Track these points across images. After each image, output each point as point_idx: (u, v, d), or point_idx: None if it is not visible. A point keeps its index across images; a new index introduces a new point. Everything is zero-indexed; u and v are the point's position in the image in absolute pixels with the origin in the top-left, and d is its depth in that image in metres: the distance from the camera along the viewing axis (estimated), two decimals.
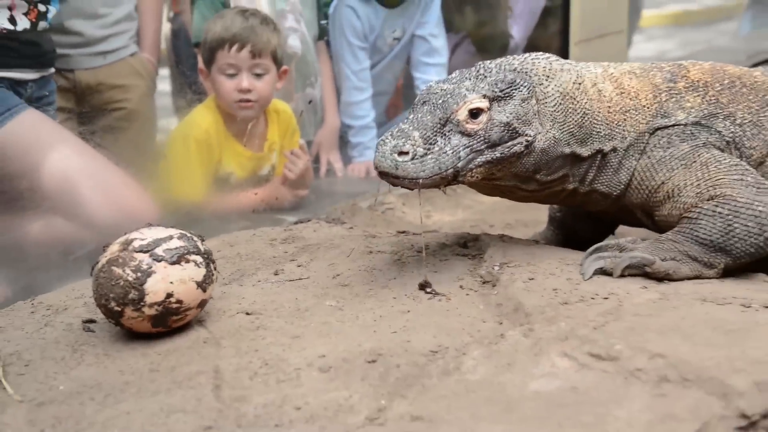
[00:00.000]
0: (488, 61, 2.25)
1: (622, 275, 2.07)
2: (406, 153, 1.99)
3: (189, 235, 1.98)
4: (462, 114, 2.06)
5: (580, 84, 2.22)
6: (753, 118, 2.32)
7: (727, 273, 2.11)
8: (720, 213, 2.06)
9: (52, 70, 3.16)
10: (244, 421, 1.57)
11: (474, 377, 1.68)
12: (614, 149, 2.24)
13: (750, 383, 1.54)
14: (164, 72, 4.41)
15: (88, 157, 3.06)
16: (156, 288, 1.87)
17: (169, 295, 1.88)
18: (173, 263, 1.89)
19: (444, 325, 1.91)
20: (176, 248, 1.91)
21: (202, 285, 1.93)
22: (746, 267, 2.15)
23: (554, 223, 2.80)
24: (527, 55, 2.26)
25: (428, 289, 2.10)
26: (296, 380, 1.71)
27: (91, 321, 2.04)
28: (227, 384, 1.71)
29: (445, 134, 2.05)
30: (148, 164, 3.52)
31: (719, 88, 2.34)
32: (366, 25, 4.09)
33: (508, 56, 2.25)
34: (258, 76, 3.31)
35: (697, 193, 2.12)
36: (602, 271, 2.10)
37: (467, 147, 2.06)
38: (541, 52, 2.28)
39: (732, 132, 2.29)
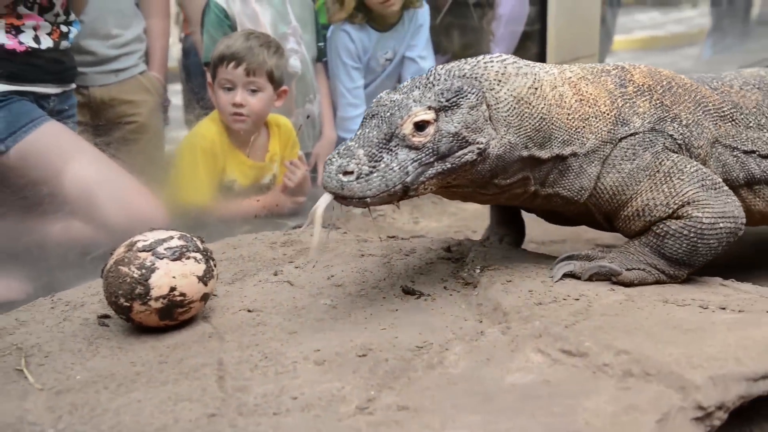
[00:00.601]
0: (440, 66, 2.06)
1: (589, 279, 2.08)
2: (351, 172, 1.83)
3: (188, 235, 1.99)
4: (407, 128, 1.89)
5: (537, 88, 2.05)
6: (694, 117, 2.26)
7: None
8: (686, 236, 2.04)
9: (73, 85, 3.16)
10: (245, 410, 1.58)
11: (456, 371, 1.68)
12: (574, 154, 2.10)
13: (706, 378, 1.55)
14: (177, 87, 4.42)
15: (104, 166, 3.08)
16: (160, 283, 1.88)
17: (173, 289, 1.89)
18: (174, 260, 1.91)
19: (429, 322, 1.92)
20: (176, 247, 1.93)
21: (203, 279, 1.94)
22: (704, 271, 2.16)
23: (501, 227, 2.63)
24: (481, 58, 2.07)
25: (408, 292, 2.09)
26: (293, 372, 1.71)
27: (106, 316, 2.04)
28: (230, 375, 1.71)
29: (391, 150, 1.88)
30: (157, 172, 3.54)
31: (661, 91, 2.25)
32: (359, 47, 4.10)
33: (462, 60, 2.07)
34: (252, 92, 3.32)
35: (665, 207, 2.06)
36: (571, 275, 2.09)
37: (415, 161, 1.88)
38: (498, 54, 2.11)
39: (681, 134, 2.21)
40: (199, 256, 1.95)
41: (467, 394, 1.59)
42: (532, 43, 5.11)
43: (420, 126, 1.90)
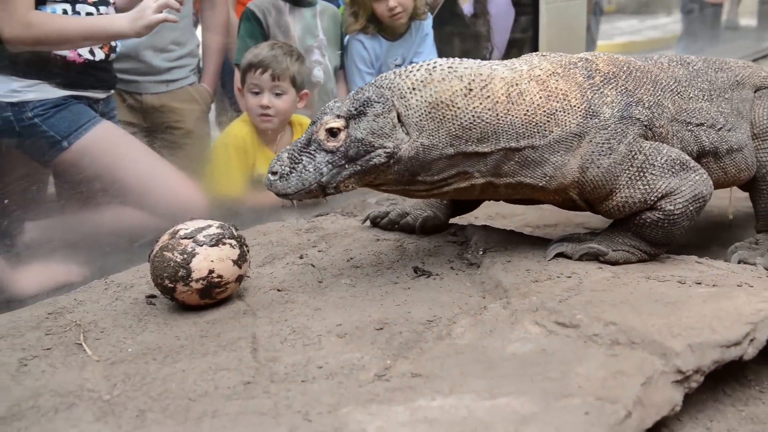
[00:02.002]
0: (375, 78, 2.03)
1: (580, 259, 2.06)
2: (276, 173, 1.90)
3: (224, 224, 2.00)
4: (321, 134, 1.90)
5: (471, 90, 1.94)
6: (654, 98, 2.15)
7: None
8: (662, 225, 2.02)
9: (113, 91, 3.18)
10: (277, 378, 1.58)
11: (462, 342, 1.68)
12: (531, 146, 1.98)
13: (685, 345, 1.54)
14: None
15: (153, 160, 3.11)
16: (200, 266, 1.88)
17: (211, 272, 1.89)
18: (212, 246, 1.91)
19: (437, 299, 1.91)
20: (214, 234, 1.93)
21: (238, 262, 1.94)
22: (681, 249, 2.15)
23: None
24: (414, 65, 1.99)
25: (420, 273, 2.09)
26: (318, 344, 1.71)
27: (153, 296, 2.04)
28: (262, 347, 1.72)
29: (311, 153, 1.91)
30: (200, 171, 3.56)
31: (624, 77, 2.14)
32: (372, 55, 4.07)
33: (393, 70, 2.01)
34: (277, 95, 3.32)
35: (642, 201, 2.01)
36: (563, 255, 2.07)
37: (329, 163, 1.90)
38: (444, 60, 2.00)
39: (646, 116, 2.09)
40: (233, 242, 1.95)
41: (473, 362, 1.58)
42: (527, 49, 5.09)
43: (333, 132, 1.91)
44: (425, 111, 1.92)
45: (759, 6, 9.22)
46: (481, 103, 1.94)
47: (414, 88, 1.93)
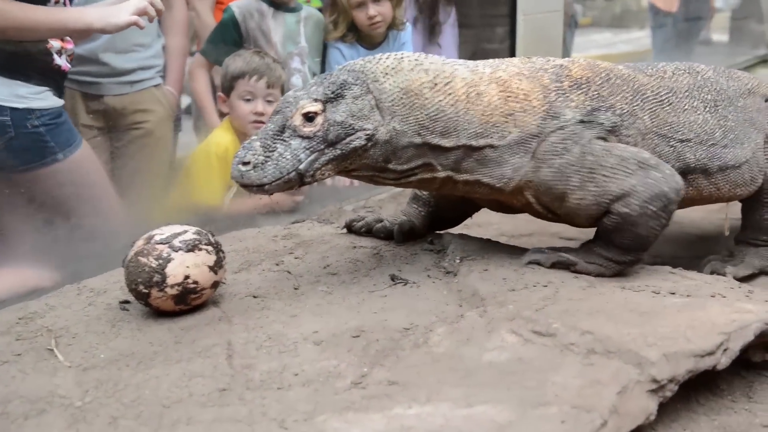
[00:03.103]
0: (343, 65, 2.03)
1: (552, 267, 2.05)
2: (248, 163, 1.84)
3: (201, 230, 1.97)
4: (297, 119, 1.86)
5: (437, 84, 1.96)
6: (629, 108, 2.10)
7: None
8: (623, 229, 1.97)
9: None
10: (252, 385, 1.57)
11: (439, 350, 1.68)
12: (490, 146, 1.99)
13: (659, 355, 1.55)
14: (186, 99, 4.40)
15: (107, 185, 3.12)
16: (175, 272, 1.86)
17: (187, 277, 1.87)
18: (188, 251, 1.89)
19: (414, 307, 1.90)
20: (190, 239, 1.91)
21: (214, 268, 1.92)
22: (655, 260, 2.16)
23: (418, 201, 2.43)
24: (385, 54, 2.02)
25: (397, 280, 2.08)
26: (294, 351, 1.70)
27: (127, 302, 2.02)
28: (238, 354, 1.70)
29: (284, 140, 1.86)
30: (160, 173, 3.55)
31: (599, 83, 2.10)
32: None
33: (362, 58, 2.03)
34: (269, 102, 3.32)
35: (599, 211, 1.99)
36: (536, 262, 2.06)
37: (307, 149, 1.86)
38: (409, 53, 2.04)
39: (612, 122, 2.05)
40: (210, 248, 1.93)
41: (450, 370, 1.58)
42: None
43: (309, 117, 1.87)
44: (398, 96, 1.94)
45: (731, 22, 9.38)
46: (444, 98, 1.97)
47: (387, 74, 1.95)
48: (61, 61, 2.87)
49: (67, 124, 2.90)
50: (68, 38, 2.90)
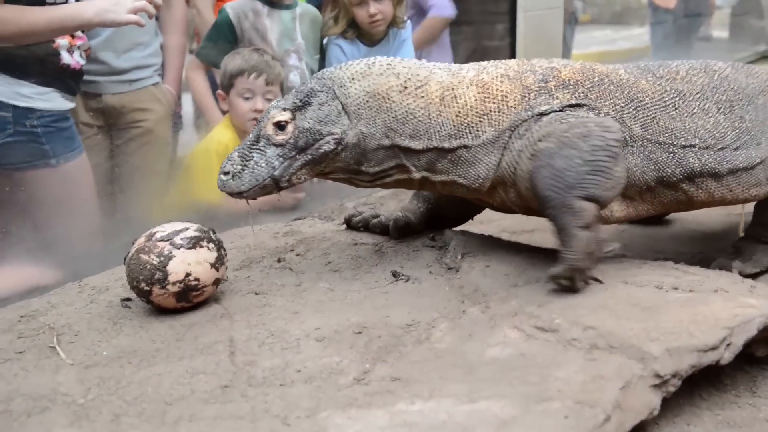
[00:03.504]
0: (317, 73, 2.09)
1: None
2: (228, 173, 1.95)
3: (202, 227, 1.97)
4: (269, 128, 1.96)
5: (406, 87, 1.98)
6: (616, 115, 2.03)
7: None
8: (552, 153, 1.84)
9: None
10: (254, 382, 1.56)
11: (441, 346, 1.67)
12: (464, 146, 1.99)
13: (662, 350, 1.55)
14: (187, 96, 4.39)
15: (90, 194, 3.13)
16: (177, 269, 1.86)
17: (188, 274, 1.87)
18: (190, 248, 1.89)
19: (416, 303, 1.90)
20: (191, 237, 1.91)
21: (215, 265, 1.92)
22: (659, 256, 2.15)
23: (419, 198, 2.41)
24: (357, 61, 2.06)
25: (399, 277, 2.08)
26: (296, 348, 1.70)
27: (128, 299, 2.01)
28: (240, 351, 1.70)
29: (260, 149, 1.96)
30: (159, 171, 3.55)
31: (589, 86, 2.06)
32: (350, 59, 4.07)
33: (335, 65, 2.08)
34: (268, 100, 3.31)
35: (531, 147, 1.91)
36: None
37: (280, 156, 1.95)
38: (384, 58, 2.07)
39: None
40: (211, 245, 1.93)
41: (452, 366, 1.58)
42: (503, 56, 5.12)
43: (280, 126, 1.96)
44: (363, 100, 1.98)
45: (731, 18, 9.37)
46: (414, 101, 1.99)
47: (353, 78, 2.00)
48: (71, 59, 2.86)
49: (69, 131, 2.90)
50: (78, 34, 2.89)
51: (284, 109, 1.97)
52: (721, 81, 2.23)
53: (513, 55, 5.01)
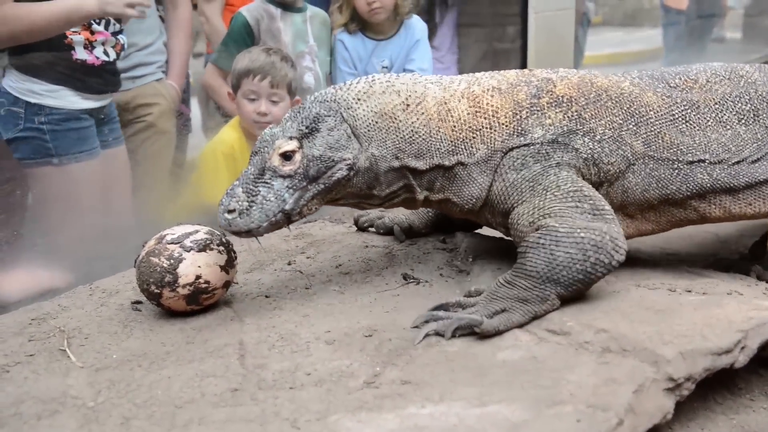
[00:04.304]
0: (311, 96, 1.99)
1: (453, 336, 1.70)
2: (234, 210, 1.83)
3: (212, 229, 1.97)
4: (276, 160, 1.85)
5: (409, 105, 1.93)
6: (614, 133, 1.96)
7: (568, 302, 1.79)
8: (543, 244, 1.74)
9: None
10: (264, 384, 1.56)
11: (452, 349, 1.66)
12: (460, 163, 1.94)
13: (676, 353, 1.53)
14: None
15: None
16: (187, 272, 1.86)
17: (198, 277, 1.87)
18: (200, 251, 1.89)
19: (427, 306, 1.88)
20: (201, 239, 1.91)
21: (225, 268, 1.92)
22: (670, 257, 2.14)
23: None
24: (354, 80, 1.99)
25: (410, 279, 2.07)
26: (306, 351, 1.69)
27: (139, 302, 2.02)
28: (250, 354, 1.69)
29: (266, 182, 1.85)
30: (165, 166, 3.56)
31: (584, 103, 1.97)
32: (354, 55, 4.03)
33: (335, 85, 2.00)
34: (274, 102, 3.29)
35: (530, 222, 1.81)
36: (435, 333, 1.72)
37: (290, 188, 1.85)
38: (380, 75, 2.01)
39: (590, 149, 1.93)
40: (221, 247, 1.93)
41: (463, 369, 1.57)
42: (514, 58, 5.11)
43: (287, 156, 1.86)
44: (372, 121, 1.92)
45: (744, 19, 9.32)
46: (417, 119, 1.94)
47: (359, 99, 1.93)
48: (89, 55, 2.86)
49: (82, 132, 2.90)
50: (101, 29, 2.91)
51: (291, 138, 1.87)
52: (747, 88, 2.10)
53: (524, 58, 4.99)
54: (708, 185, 2.01)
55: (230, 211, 1.84)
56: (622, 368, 1.51)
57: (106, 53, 2.93)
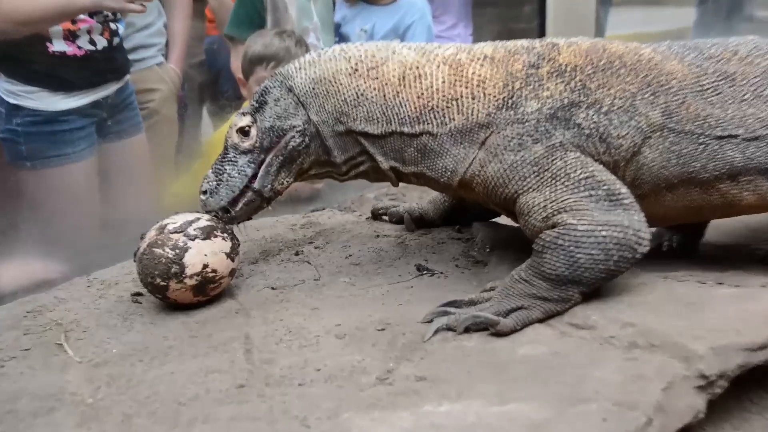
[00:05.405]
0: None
1: (466, 331, 1.71)
2: (206, 191, 1.97)
3: (213, 216, 1.97)
4: (235, 137, 1.98)
5: (357, 70, 1.94)
6: (624, 103, 1.86)
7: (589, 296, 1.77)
8: (561, 245, 1.69)
9: (128, 77, 3.14)
10: (272, 381, 1.55)
11: (469, 344, 1.65)
12: (428, 132, 1.91)
13: (708, 348, 1.51)
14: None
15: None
16: (193, 261, 1.85)
17: (205, 266, 1.86)
18: (204, 238, 1.88)
19: (442, 298, 1.86)
20: (205, 226, 1.91)
21: (231, 255, 1.92)
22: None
23: None
24: (312, 53, 2.05)
25: (423, 271, 2.06)
26: (316, 345, 1.68)
27: (139, 294, 2.01)
28: (257, 348, 1.69)
29: (231, 160, 1.99)
30: (168, 154, 3.56)
31: (590, 71, 1.88)
32: (348, 22, 4.03)
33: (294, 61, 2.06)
34: None
35: (543, 218, 1.75)
36: (447, 328, 1.72)
37: (251, 163, 1.98)
38: (343, 45, 2.03)
39: (594, 123, 1.83)
40: (225, 234, 1.93)
41: (481, 365, 1.56)
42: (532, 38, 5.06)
43: (244, 132, 1.98)
44: (309, 87, 1.98)
45: None
46: (365, 82, 1.95)
47: (300, 68, 2.01)
48: (69, 47, 2.84)
49: (60, 135, 2.86)
50: (82, 16, 2.88)
51: (244, 114, 1.99)
52: None
53: (542, 36, 4.95)
54: (740, 164, 1.88)
55: (203, 193, 1.98)
56: (650, 364, 1.49)
57: (92, 42, 2.89)
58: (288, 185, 2.03)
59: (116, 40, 3.02)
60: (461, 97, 1.89)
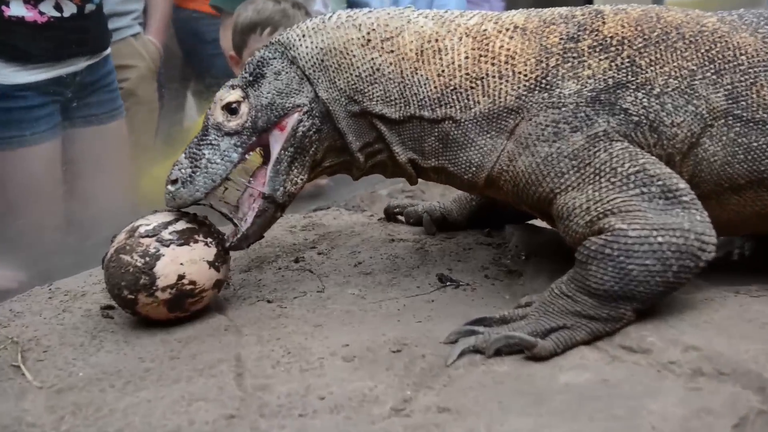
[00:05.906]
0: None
1: (497, 354, 1.68)
2: (176, 180, 1.90)
3: (197, 216, 1.97)
4: (219, 115, 1.93)
5: (370, 40, 1.93)
6: (681, 83, 1.83)
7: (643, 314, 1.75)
8: (610, 255, 1.66)
9: (107, 51, 3.15)
10: (267, 411, 1.56)
11: (501, 368, 1.65)
12: (451, 119, 1.90)
13: None
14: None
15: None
16: (166, 271, 1.85)
17: (181, 277, 1.86)
18: (181, 244, 1.88)
19: (470, 314, 1.87)
20: (183, 230, 1.91)
21: (215, 264, 1.91)
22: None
23: None
24: (314, 18, 2.03)
25: (447, 282, 2.07)
26: (319, 369, 1.69)
27: (110, 307, 2.03)
28: (249, 372, 1.69)
29: (211, 143, 1.92)
30: (146, 145, 3.57)
31: (640, 45, 1.85)
32: None
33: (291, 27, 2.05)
34: None
35: (587, 222, 1.73)
36: (474, 350, 1.70)
37: (238, 146, 1.92)
38: (349, 10, 2.02)
39: (644, 108, 1.81)
40: (209, 239, 1.92)
41: (515, 394, 1.56)
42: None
43: (232, 109, 1.93)
44: (317, 59, 1.95)
45: None
46: (381, 56, 1.94)
47: (304, 36, 1.97)
48: (29, 11, 2.83)
49: (11, 113, 2.86)
50: None
51: (233, 87, 1.95)
52: None
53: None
54: None
55: (173, 182, 1.91)
56: (718, 396, 1.49)
57: (58, 7, 2.87)
58: (302, 185, 1.98)
59: (90, 7, 3.00)
60: (487, 75, 1.89)
